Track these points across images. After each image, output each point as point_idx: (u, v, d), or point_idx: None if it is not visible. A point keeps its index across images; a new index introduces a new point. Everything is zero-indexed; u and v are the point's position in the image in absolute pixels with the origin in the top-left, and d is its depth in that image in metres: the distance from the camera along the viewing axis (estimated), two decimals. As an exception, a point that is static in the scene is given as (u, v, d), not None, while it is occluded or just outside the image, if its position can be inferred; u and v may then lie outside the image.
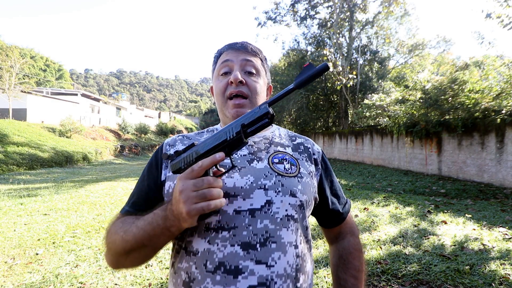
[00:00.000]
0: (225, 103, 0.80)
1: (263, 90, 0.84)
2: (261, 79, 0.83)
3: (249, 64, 0.81)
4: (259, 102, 0.81)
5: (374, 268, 2.70)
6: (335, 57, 18.51)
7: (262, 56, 0.86)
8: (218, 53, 0.86)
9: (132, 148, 23.01)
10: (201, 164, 0.59)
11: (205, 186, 0.58)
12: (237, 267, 0.64)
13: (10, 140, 13.26)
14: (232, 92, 0.78)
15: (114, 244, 0.69)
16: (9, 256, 3.05)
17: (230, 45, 0.84)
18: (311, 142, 0.90)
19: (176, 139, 0.87)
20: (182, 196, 0.58)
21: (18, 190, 6.55)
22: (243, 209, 0.68)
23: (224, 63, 0.81)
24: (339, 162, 14.16)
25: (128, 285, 2.50)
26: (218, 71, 0.83)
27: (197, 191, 0.58)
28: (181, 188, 0.58)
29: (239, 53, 0.81)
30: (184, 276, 0.69)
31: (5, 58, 19.36)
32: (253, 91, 0.80)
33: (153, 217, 0.65)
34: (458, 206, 5.19)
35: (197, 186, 0.58)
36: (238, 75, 0.77)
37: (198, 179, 0.58)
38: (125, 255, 0.68)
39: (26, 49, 49.99)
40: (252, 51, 0.83)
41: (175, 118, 50.54)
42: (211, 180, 0.59)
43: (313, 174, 0.82)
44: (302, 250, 0.72)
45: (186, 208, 0.57)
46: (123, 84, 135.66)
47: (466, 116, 7.49)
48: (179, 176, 0.61)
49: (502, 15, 8.42)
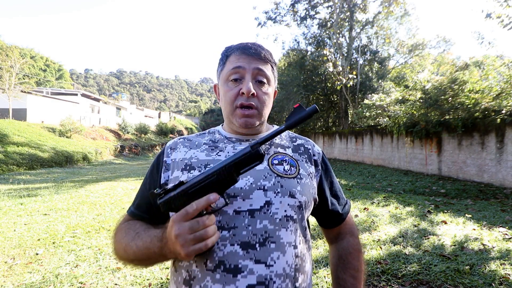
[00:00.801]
0: (233, 111, 0.79)
1: (271, 99, 0.84)
2: (271, 87, 0.83)
3: (261, 74, 0.79)
4: (266, 112, 0.81)
5: (374, 268, 2.70)
6: (335, 57, 18.51)
7: (273, 61, 0.84)
8: (227, 52, 0.82)
9: (132, 148, 23.01)
10: (196, 207, 0.59)
11: (201, 227, 0.59)
12: (236, 266, 0.65)
13: (10, 140, 13.26)
14: (243, 104, 0.77)
15: (119, 250, 0.75)
16: (9, 256, 3.05)
17: (242, 49, 0.79)
18: (311, 143, 0.90)
19: (178, 142, 0.87)
20: (179, 240, 0.59)
21: (18, 190, 6.56)
22: (243, 209, 0.69)
23: (236, 69, 0.78)
24: (339, 162, 14.17)
25: (128, 285, 2.50)
26: (227, 76, 0.79)
27: (194, 234, 0.59)
28: (176, 232, 0.59)
29: (251, 60, 0.78)
30: (184, 274, 0.70)
31: (5, 58, 19.36)
32: (262, 103, 0.79)
33: (150, 242, 0.67)
34: (458, 206, 5.19)
35: (193, 229, 0.59)
36: (250, 87, 0.76)
37: (193, 221, 0.59)
38: (129, 261, 0.74)
39: (26, 49, 49.97)
40: (265, 58, 0.80)
41: (175, 118, 50.52)
42: (206, 220, 0.60)
43: (312, 175, 0.82)
44: (301, 250, 0.73)
45: (185, 252, 0.59)
46: (123, 84, 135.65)
47: (466, 116, 7.48)
48: (173, 219, 0.61)
49: (502, 15, 8.42)
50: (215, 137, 0.87)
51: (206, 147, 0.82)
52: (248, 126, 0.79)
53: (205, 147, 0.83)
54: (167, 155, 0.83)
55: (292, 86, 19.68)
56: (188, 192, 0.64)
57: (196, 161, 0.78)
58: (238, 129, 0.82)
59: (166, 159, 0.83)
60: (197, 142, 0.86)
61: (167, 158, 0.83)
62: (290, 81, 20.06)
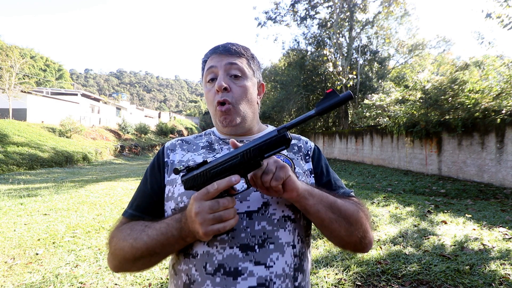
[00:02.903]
0: (215, 111, 0.80)
1: (252, 91, 0.82)
2: (248, 80, 0.81)
3: (233, 67, 0.79)
4: (245, 105, 0.80)
5: (374, 268, 2.70)
6: (335, 57, 18.52)
7: (249, 54, 0.83)
8: (204, 58, 0.84)
9: (132, 148, 23.01)
10: (217, 187, 0.59)
11: (221, 208, 0.59)
12: (236, 269, 0.65)
13: (10, 140, 13.26)
14: (219, 100, 0.77)
15: (122, 251, 0.70)
16: (9, 256, 3.05)
17: (213, 50, 0.82)
18: (303, 141, 0.89)
19: (176, 143, 0.87)
20: (198, 217, 0.59)
21: (18, 190, 6.55)
22: (240, 211, 0.69)
23: (209, 69, 0.80)
24: (339, 162, 14.17)
25: (128, 285, 2.51)
26: (205, 78, 0.82)
27: (213, 213, 0.59)
28: (197, 210, 0.59)
29: (222, 57, 0.79)
30: (184, 278, 0.70)
31: (5, 58, 19.35)
32: (238, 97, 0.78)
33: (166, 227, 0.66)
34: (458, 206, 5.19)
35: (213, 209, 0.59)
36: (221, 82, 0.76)
37: (214, 201, 0.59)
38: (132, 261, 0.70)
39: (26, 49, 49.97)
40: (236, 52, 0.80)
41: (175, 118, 50.48)
42: (226, 202, 0.60)
43: (308, 172, 0.82)
44: (299, 249, 0.73)
45: (203, 230, 0.59)
46: (123, 84, 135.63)
47: (466, 116, 7.48)
48: (194, 197, 0.61)
49: (502, 15, 8.42)
50: (211, 139, 0.87)
51: (203, 151, 0.83)
52: (230, 125, 0.78)
53: (203, 150, 0.83)
54: (167, 156, 0.83)
55: (292, 86, 19.69)
56: (210, 172, 0.63)
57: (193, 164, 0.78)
58: (223, 130, 0.82)
59: (167, 160, 0.83)
60: (194, 144, 0.86)
61: (167, 159, 0.83)
62: (290, 81, 20.06)
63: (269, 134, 0.60)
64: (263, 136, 0.60)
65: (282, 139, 0.59)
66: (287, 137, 0.59)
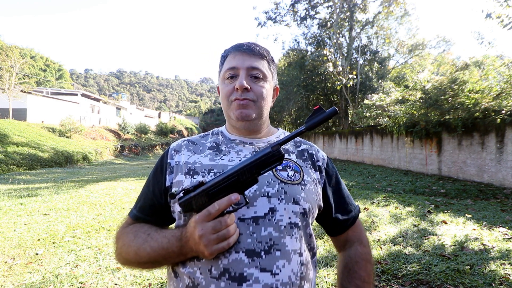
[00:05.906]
0: (230, 105, 0.80)
1: (270, 94, 0.83)
2: (268, 83, 0.82)
3: (255, 70, 0.79)
4: (264, 106, 0.81)
5: (374, 268, 2.71)
6: (335, 57, 18.53)
7: (270, 57, 0.84)
8: (225, 53, 0.84)
9: (132, 148, 23.01)
10: (218, 207, 0.61)
11: (224, 227, 0.61)
12: (241, 274, 0.64)
13: (10, 140, 13.25)
14: (238, 99, 0.77)
15: (127, 255, 0.73)
16: (9, 256, 3.05)
17: (237, 47, 0.82)
18: (315, 149, 0.89)
19: (182, 144, 0.86)
20: (203, 240, 0.61)
21: (18, 190, 6.55)
22: (247, 217, 0.68)
23: (231, 67, 0.79)
24: (339, 162, 14.17)
25: (128, 285, 2.50)
26: (224, 75, 0.81)
27: (217, 234, 0.61)
28: (200, 233, 0.61)
29: (245, 57, 0.79)
30: (187, 280, 0.68)
31: (5, 58, 19.36)
32: (259, 96, 0.79)
33: (168, 243, 0.67)
34: (458, 206, 5.19)
35: (216, 229, 0.61)
36: (243, 82, 0.76)
37: (216, 221, 0.61)
38: (137, 265, 0.74)
39: (26, 49, 49.98)
40: (259, 53, 0.81)
41: (175, 118, 50.47)
42: (228, 220, 0.62)
43: (317, 182, 0.80)
44: (306, 257, 0.72)
45: (209, 251, 0.61)
46: (123, 84, 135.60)
47: (466, 116, 7.48)
48: (196, 220, 0.62)
49: (502, 15, 8.42)
50: (218, 139, 0.86)
51: (210, 152, 0.82)
52: (245, 118, 0.78)
53: (209, 151, 0.82)
54: (171, 157, 0.82)
55: (292, 86, 19.70)
56: (209, 193, 0.64)
57: (199, 166, 0.77)
58: (236, 124, 0.81)
59: (170, 161, 0.81)
60: (201, 145, 0.85)
61: (171, 160, 0.81)
62: (290, 81, 20.07)
63: (264, 151, 0.64)
64: (259, 153, 0.65)
65: (277, 155, 0.64)
66: (281, 154, 0.64)
